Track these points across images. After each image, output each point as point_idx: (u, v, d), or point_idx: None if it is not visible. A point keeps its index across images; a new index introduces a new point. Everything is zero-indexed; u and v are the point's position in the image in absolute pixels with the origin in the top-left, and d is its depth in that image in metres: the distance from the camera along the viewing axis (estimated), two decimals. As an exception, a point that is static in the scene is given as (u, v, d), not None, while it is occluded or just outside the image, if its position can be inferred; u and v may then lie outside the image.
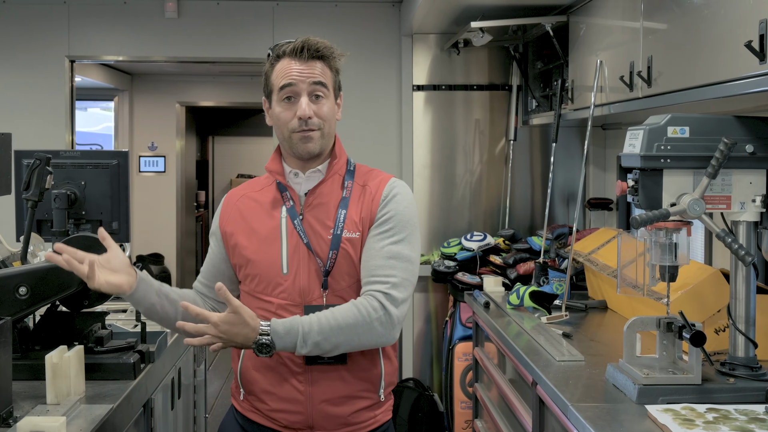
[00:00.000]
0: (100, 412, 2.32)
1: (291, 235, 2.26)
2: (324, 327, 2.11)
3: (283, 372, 2.25)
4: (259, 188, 2.39)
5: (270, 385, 2.26)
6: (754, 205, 2.43)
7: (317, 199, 2.29)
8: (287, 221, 2.27)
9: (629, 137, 2.54)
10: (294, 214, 2.27)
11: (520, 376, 3.20)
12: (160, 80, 9.76)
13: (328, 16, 5.84)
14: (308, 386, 2.24)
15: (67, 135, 5.88)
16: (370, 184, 2.34)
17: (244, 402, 2.35)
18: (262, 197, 2.35)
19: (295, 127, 2.24)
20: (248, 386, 2.32)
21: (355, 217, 2.28)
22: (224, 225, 2.37)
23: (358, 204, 2.30)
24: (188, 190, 10.71)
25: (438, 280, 5.01)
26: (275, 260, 2.25)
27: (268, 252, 2.26)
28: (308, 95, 2.24)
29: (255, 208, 2.34)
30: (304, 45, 2.24)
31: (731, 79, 2.43)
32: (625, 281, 2.81)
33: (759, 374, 2.43)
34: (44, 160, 2.96)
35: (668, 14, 2.98)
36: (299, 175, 2.32)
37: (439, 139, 5.61)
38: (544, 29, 4.53)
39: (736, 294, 2.48)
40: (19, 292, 2.37)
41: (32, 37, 5.83)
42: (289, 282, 2.23)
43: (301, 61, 2.24)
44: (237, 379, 2.36)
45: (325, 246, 2.25)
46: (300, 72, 2.24)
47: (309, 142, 2.25)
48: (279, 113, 2.27)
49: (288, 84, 2.24)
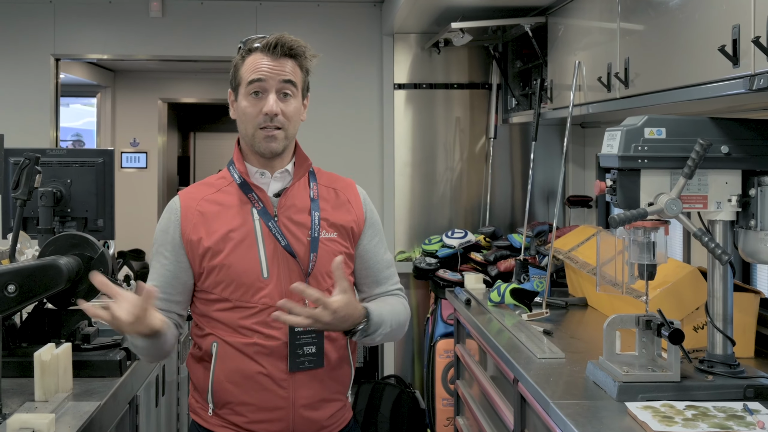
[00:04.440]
0: (88, 409, 2.35)
1: (267, 238, 2.22)
2: (393, 321, 2.30)
3: (264, 381, 2.20)
4: (215, 190, 2.30)
5: (248, 395, 2.20)
6: (729, 204, 2.49)
7: (289, 201, 2.28)
8: (261, 223, 2.23)
9: (607, 138, 2.59)
10: (267, 216, 2.23)
11: (501, 373, 3.24)
12: (142, 77, 9.78)
13: (310, 16, 5.89)
14: (291, 392, 2.22)
15: (51, 132, 5.93)
16: (340, 189, 2.38)
17: (214, 418, 2.25)
18: (223, 199, 2.27)
19: (260, 122, 2.21)
20: (221, 400, 2.23)
21: (329, 217, 2.30)
22: (188, 233, 2.23)
23: (330, 207, 2.32)
24: (170, 186, 10.72)
25: (419, 277, 5.05)
26: (254, 264, 2.20)
27: (246, 256, 2.20)
28: (276, 92, 2.21)
29: (220, 212, 2.25)
30: (278, 42, 2.22)
31: (706, 81, 2.48)
32: (605, 279, 2.86)
33: (737, 372, 2.47)
34: (33, 159, 2.98)
35: (644, 17, 3.03)
36: (266, 175, 2.29)
37: (420, 138, 5.66)
38: (523, 30, 4.58)
39: (713, 292, 2.53)
40: (7, 290, 2.39)
41: (18, 36, 5.88)
42: (271, 286, 2.20)
43: (272, 57, 2.21)
44: (204, 394, 2.26)
45: (303, 248, 2.24)
46: (271, 68, 2.21)
47: (272, 142, 2.23)
48: (245, 107, 2.23)
49: (257, 79, 2.21)
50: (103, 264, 2.75)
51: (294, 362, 2.20)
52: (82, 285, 2.77)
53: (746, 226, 2.47)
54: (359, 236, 2.36)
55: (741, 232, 2.50)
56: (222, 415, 2.24)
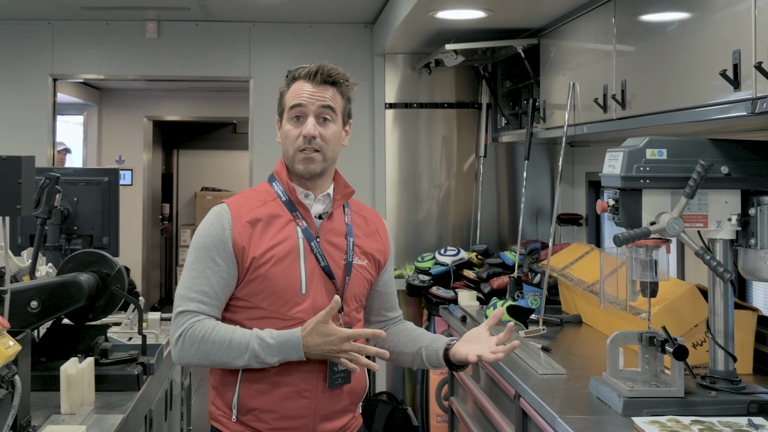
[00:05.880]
0: (113, 422, 2.42)
1: (308, 257, 2.31)
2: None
3: (288, 391, 2.28)
4: (259, 204, 2.36)
5: (273, 404, 2.28)
6: (729, 223, 2.56)
7: (330, 224, 2.38)
8: (304, 242, 2.32)
9: (609, 158, 2.66)
10: (310, 236, 2.33)
11: (499, 388, 3.29)
12: (128, 95, 9.84)
13: (302, 37, 6.01)
14: (313, 402, 2.30)
15: (48, 149, 6.02)
16: (369, 218, 2.51)
17: (236, 424, 2.31)
18: (270, 213, 2.34)
19: (300, 145, 2.32)
20: (246, 407, 2.30)
21: (362, 245, 2.41)
22: (239, 241, 2.28)
23: (363, 234, 2.44)
24: (154, 203, 10.73)
25: (412, 294, 5.09)
26: (294, 280, 2.29)
27: (287, 271, 2.29)
28: (315, 117, 2.33)
29: (267, 225, 2.33)
30: (318, 69, 2.34)
31: (706, 104, 2.56)
32: (604, 296, 2.92)
33: (739, 387, 2.54)
34: (54, 179, 3.06)
35: (640, 39, 3.11)
36: (309, 196, 2.38)
37: (410, 156, 5.73)
38: (514, 50, 4.66)
39: (714, 309, 2.60)
40: (30, 305, 2.44)
41: (17, 56, 6.00)
42: (307, 303, 2.28)
43: (314, 84, 2.34)
44: (229, 401, 2.32)
45: (339, 270, 2.35)
46: (311, 94, 2.33)
47: (311, 163, 2.33)
48: (287, 131, 2.35)
49: (298, 104, 2.33)
50: (119, 281, 2.81)
51: (332, 379, 2.30)
52: (100, 301, 2.83)
53: (746, 245, 2.55)
54: (383, 266, 2.50)
55: (741, 251, 2.58)
56: (245, 422, 2.31)
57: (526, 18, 4.37)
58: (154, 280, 10.71)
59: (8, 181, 2.24)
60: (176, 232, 12.00)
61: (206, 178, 12.40)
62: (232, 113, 10.43)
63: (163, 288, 11.45)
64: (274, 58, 6.05)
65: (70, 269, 2.87)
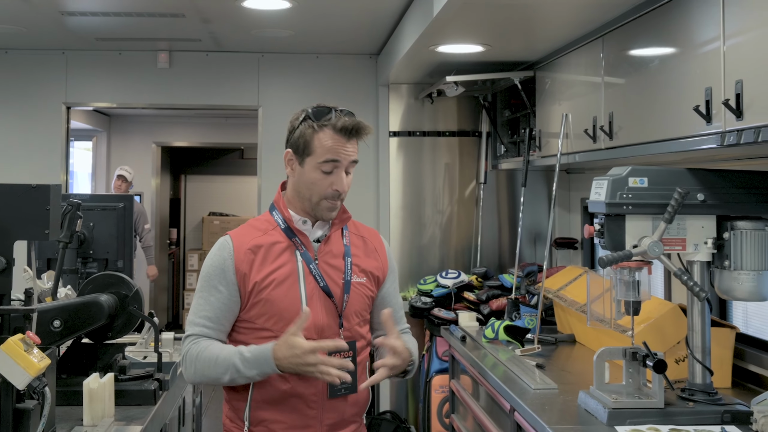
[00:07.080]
0: None
1: (308, 279, 2.47)
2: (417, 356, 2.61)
3: (296, 403, 2.44)
4: (261, 233, 2.51)
5: (282, 415, 2.44)
6: (706, 246, 2.76)
7: (328, 247, 2.54)
8: (303, 265, 2.48)
9: (595, 186, 2.85)
10: (309, 259, 2.49)
11: (496, 404, 3.45)
12: (136, 121, 10.04)
13: (309, 67, 6.25)
14: (320, 413, 2.46)
15: (62, 175, 6.21)
16: (367, 237, 2.66)
17: None
18: (270, 241, 2.49)
19: (328, 195, 2.46)
20: (257, 418, 2.45)
21: (360, 264, 2.58)
22: (241, 269, 2.45)
23: (362, 254, 2.60)
24: (162, 228, 10.90)
25: (415, 316, 5.23)
26: (295, 301, 2.44)
27: (288, 293, 2.44)
28: (345, 170, 2.47)
29: (267, 252, 2.48)
30: (355, 127, 2.43)
31: (683, 136, 2.77)
32: (594, 315, 3.10)
33: (715, 399, 2.73)
34: (75, 205, 3.21)
35: (625, 73, 3.33)
36: (307, 222, 2.54)
37: (413, 182, 5.94)
38: (512, 82, 4.87)
39: (692, 326, 2.79)
40: (53, 324, 2.60)
41: (32, 85, 6.22)
42: (308, 321, 2.41)
43: (347, 138, 2.43)
44: (241, 414, 2.48)
45: (338, 289, 2.51)
46: (346, 151, 2.43)
47: (333, 211, 2.51)
48: (315, 179, 2.45)
49: (335, 160, 2.43)
50: (137, 301, 2.98)
51: (332, 389, 2.46)
52: (118, 321, 3.00)
53: (721, 266, 2.74)
54: (383, 282, 2.65)
55: (716, 272, 2.77)
56: None
57: (523, 52, 4.58)
58: (162, 304, 10.87)
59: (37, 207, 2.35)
60: (184, 256, 12.08)
61: (214, 203, 12.55)
62: (240, 139, 10.64)
63: (170, 312, 11.57)
64: (282, 87, 6.29)
65: (90, 290, 3.03)
